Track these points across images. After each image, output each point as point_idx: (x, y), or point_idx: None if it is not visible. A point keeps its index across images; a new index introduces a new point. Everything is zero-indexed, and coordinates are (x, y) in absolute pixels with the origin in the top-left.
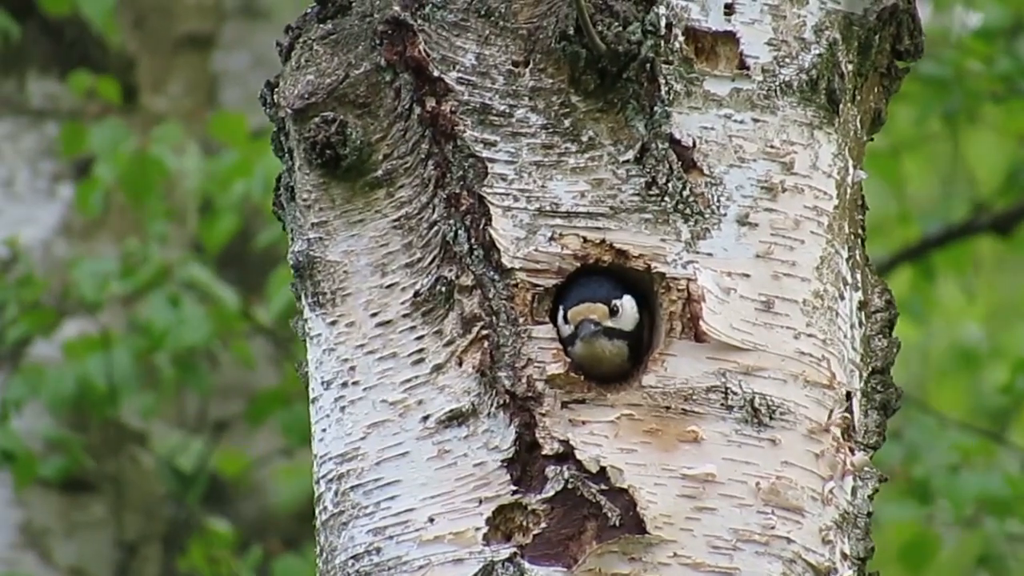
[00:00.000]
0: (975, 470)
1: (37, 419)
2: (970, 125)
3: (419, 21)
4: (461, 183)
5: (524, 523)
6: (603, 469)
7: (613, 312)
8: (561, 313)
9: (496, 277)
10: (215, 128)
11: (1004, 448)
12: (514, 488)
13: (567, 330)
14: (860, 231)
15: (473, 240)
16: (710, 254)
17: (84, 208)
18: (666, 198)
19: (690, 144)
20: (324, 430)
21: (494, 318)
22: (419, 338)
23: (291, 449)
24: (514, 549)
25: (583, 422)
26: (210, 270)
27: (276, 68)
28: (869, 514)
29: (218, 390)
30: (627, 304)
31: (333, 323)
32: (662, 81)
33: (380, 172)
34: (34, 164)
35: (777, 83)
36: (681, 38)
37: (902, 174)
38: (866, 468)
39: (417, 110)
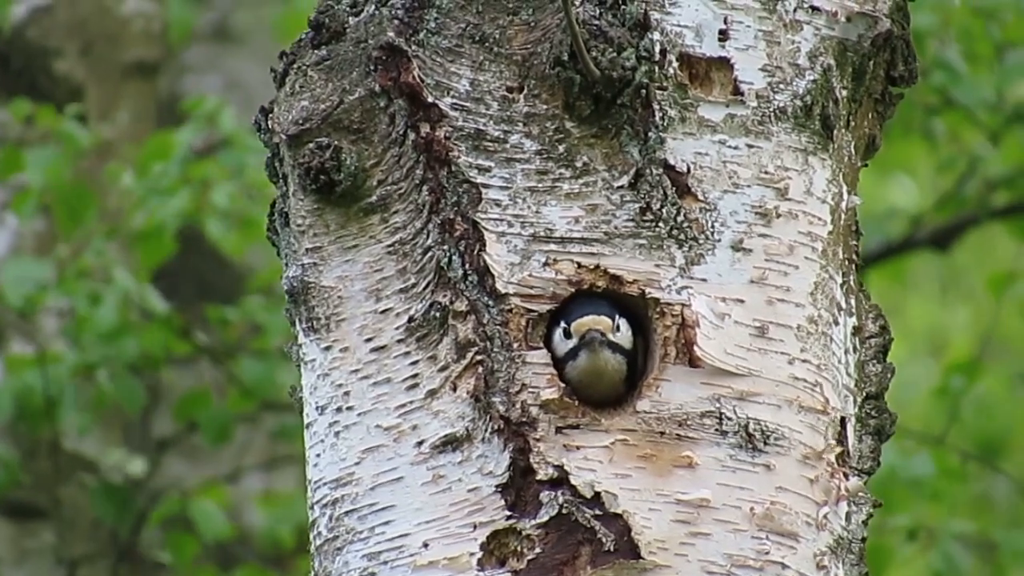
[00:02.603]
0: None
1: None
2: (905, 138)
3: (413, 47)
4: (455, 209)
5: (518, 548)
6: (597, 494)
7: (616, 328)
8: (561, 329)
9: (490, 302)
10: (151, 149)
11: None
12: (508, 513)
13: (566, 346)
14: (854, 257)
15: (467, 265)
16: (704, 279)
17: (19, 213)
18: (660, 224)
19: (684, 170)
20: (318, 455)
21: (488, 343)
22: (413, 363)
23: (234, 473)
24: (508, 574)
25: (577, 447)
26: (143, 285)
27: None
28: (863, 539)
29: (168, 412)
30: (624, 325)
31: (327, 348)
32: (656, 107)
33: (374, 198)
34: None
35: (771, 109)
36: (675, 64)
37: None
38: (860, 493)
39: (411, 136)
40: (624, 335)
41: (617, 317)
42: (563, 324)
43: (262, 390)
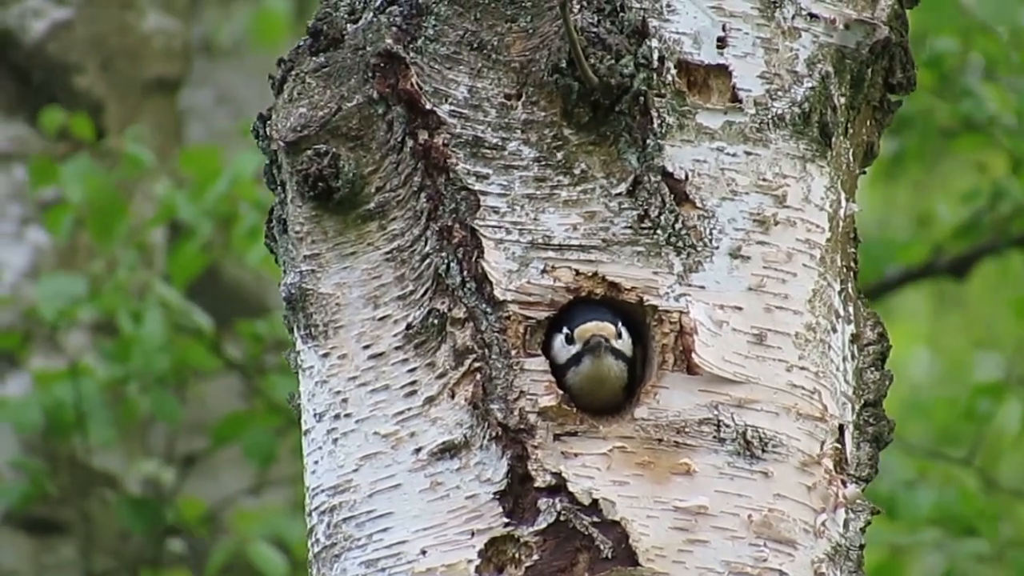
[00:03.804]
0: (932, 487)
1: (2, 451)
2: (919, 162)
3: (411, 54)
4: (453, 216)
5: (516, 555)
6: (595, 501)
7: (618, 335)
8: (562, 335)
9: (488, 309)
10: (186, 163)
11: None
12: (506, 520)
13: (568, 352)
14: (852, 264)
15: (465, 273)
16: (702, 287)
17: (54, 231)
18: (658, 231)
19: (683, 177)
20: (316, 462)
21: (486, 350)
22: (411, 370)
23: (258, 486)
24: None
25: (575, 454)
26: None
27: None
28: (862, 547)
29: (185, 426)
30: (625, 332)
31: (325, 355)
32: (655, 114)
33: (372, 205)
34: (2, 207)
35: (769, 116)
36: (674, 71)
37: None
38: (858, 501)
39: (409, 143)
40: (625, 342)
41: (619, 324)
42: (565, 330)
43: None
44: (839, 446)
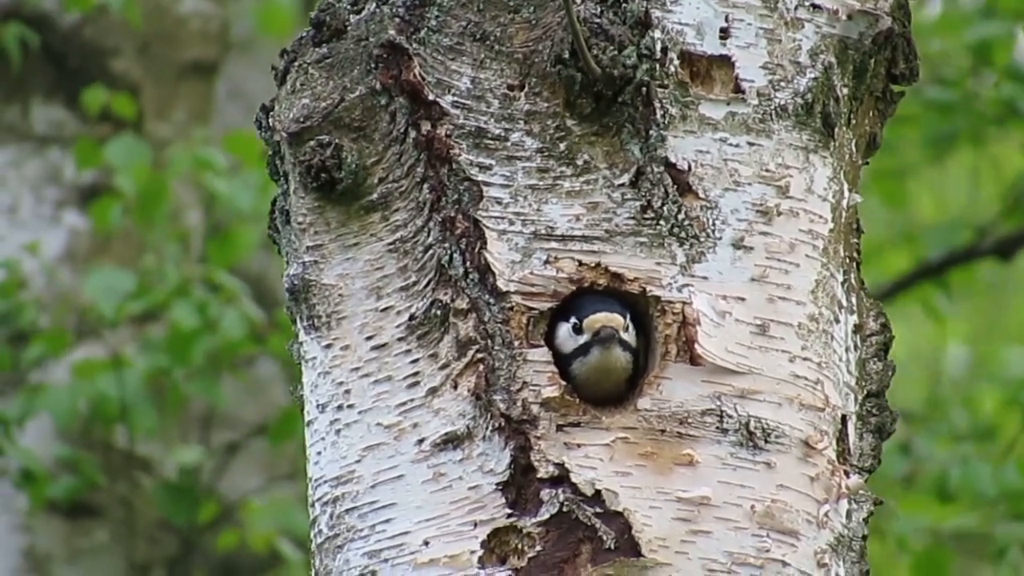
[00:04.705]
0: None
1: (42, 442)
2: (973, 148)
3: (414, 45)
4: (456, 207)
5: (519, 546)
6: (598, 492)
7: (627, 327)
8: (570, 324)
9: (491, 300)
10: (229, 146)
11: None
12: (509, 511)
13: (576, 342)
14: (855, 254)
15: (468, 263)
16: (705, 277)
17: (101, 223)
18: (661, 222)
19: (685, 168)
20: (319, 453)
21: (489, 341)
22: (414, 361)
23: (292, 474)
24: (509, 572)
25: (578, 445)
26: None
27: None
28: (864, 537)
29: (217, 416)
30: (631, 324)
31: (328, 346)
32: (657, 105)
33: (375, 195)
34: (38, 191)
35: (772, 107)
36: (676, 62)
37: (906, 197)
38: (861, 491)
39: (412, 134)
40: (631, 333)
41: (627, 316)
42: (573, 319)
43: None
44: (842, 436)
